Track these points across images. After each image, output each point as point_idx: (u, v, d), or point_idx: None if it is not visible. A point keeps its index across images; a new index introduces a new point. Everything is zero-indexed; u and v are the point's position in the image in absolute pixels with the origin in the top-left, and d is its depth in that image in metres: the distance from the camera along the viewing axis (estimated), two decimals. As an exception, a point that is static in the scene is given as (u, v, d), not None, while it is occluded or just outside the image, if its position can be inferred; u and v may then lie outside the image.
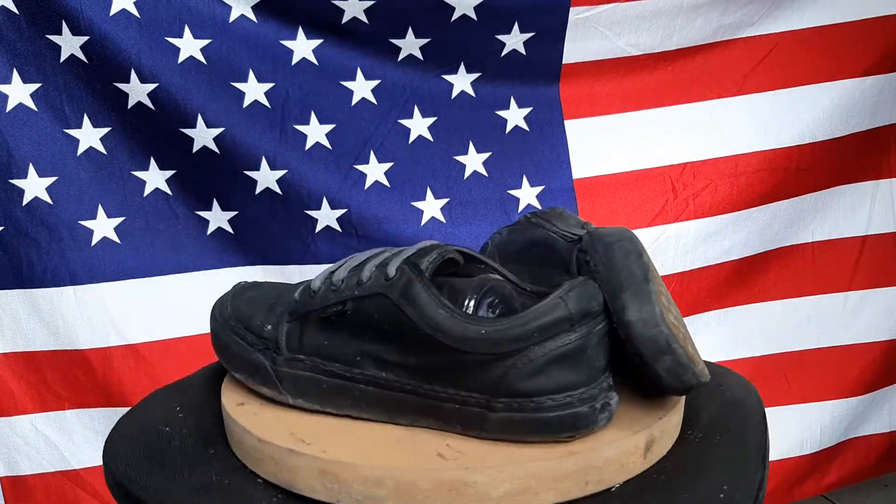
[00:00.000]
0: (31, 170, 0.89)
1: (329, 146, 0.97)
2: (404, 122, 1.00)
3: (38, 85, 0.89)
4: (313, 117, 0.96)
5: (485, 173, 1.03)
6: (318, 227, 0.98)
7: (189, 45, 0.90)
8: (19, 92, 0.88)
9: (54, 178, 0.90)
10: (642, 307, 0.43)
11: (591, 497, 0.43)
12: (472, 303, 0.45)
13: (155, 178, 0.95)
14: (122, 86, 0.89)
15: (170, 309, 0.97)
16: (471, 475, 0.41)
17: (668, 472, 0.46)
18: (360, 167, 0.98)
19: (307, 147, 0.96)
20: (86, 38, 0.86)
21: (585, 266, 0.47)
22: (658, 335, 0.43)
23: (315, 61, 0.96)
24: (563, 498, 0.42)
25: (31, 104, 0.89)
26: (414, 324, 0.42)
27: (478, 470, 0.41)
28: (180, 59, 0.89)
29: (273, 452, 0.44)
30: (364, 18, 0.94)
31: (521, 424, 0.42)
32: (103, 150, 0.92)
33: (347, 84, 0.97)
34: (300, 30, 0.94)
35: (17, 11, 0.85)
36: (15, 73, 0.87)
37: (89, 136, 0.91)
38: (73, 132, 0.91)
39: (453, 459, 0.42)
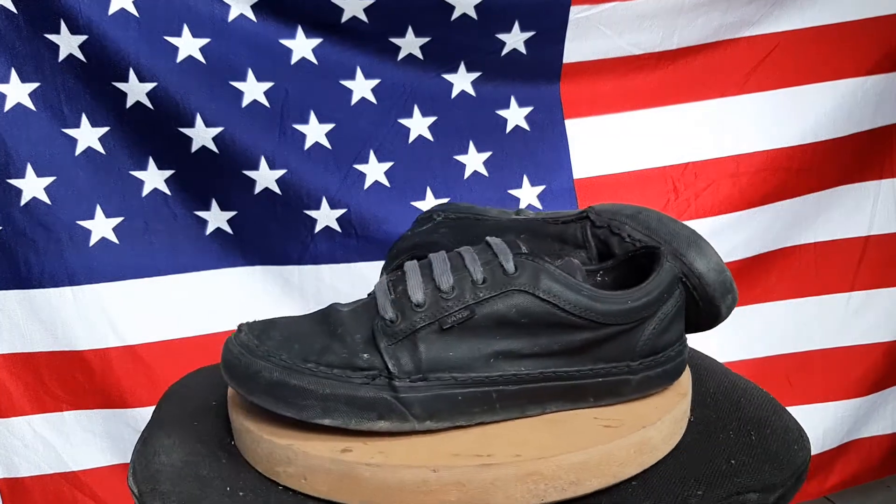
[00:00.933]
0: (30, 170, 0.89)
1: (328, 146, 0.97)
2: (404, 121, 0.99)
3: (36, 84, 0.88)
4: (313, 117, 0.96)
5: (485, 173, 1.03)
6: (318, 227, 0.97)
7: (188, 45, 0.89)
8: (17, 91, 0.87)
9: (52, 178, 0.90)
10: (709, 258, 0.50)
11: (689, 429, 0.49)
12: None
13: (153, 177, 0.95)
14: (120, 85, 0.88)
15: (169, 309, 0.96)
16: (648, 433, 0.44)
17: (719, 395, 0.54)
18: (359, 167, 0.98)
19: (306, 147, 0.96)
20: (84, 37, 0.86)
21: (615, 237, 0.52)
22: (726, 279, 0.51)
23: (314, 60, 0.95)
24: (683, 431, 0.48)
25: (29, 104, 0.88)
26: (560, 310, 0.44)
27: (651, 427, 0.45)
28: (179, 59, 0.89)
29: (458, 477, 0.41)
30: (364, 17, 0.93)
31: (656, 379, 0.47)
32: (102, 150, 0.92)
33: (347, 83, 0.97)
34: (299, 29, 0.94)
35: (15, 11, 0.85)
36: (13, 72, 0.87)
37: (88, 135, 0.91)
38: (71, 132, 0.90)
39: (620, 426, 0.45)
